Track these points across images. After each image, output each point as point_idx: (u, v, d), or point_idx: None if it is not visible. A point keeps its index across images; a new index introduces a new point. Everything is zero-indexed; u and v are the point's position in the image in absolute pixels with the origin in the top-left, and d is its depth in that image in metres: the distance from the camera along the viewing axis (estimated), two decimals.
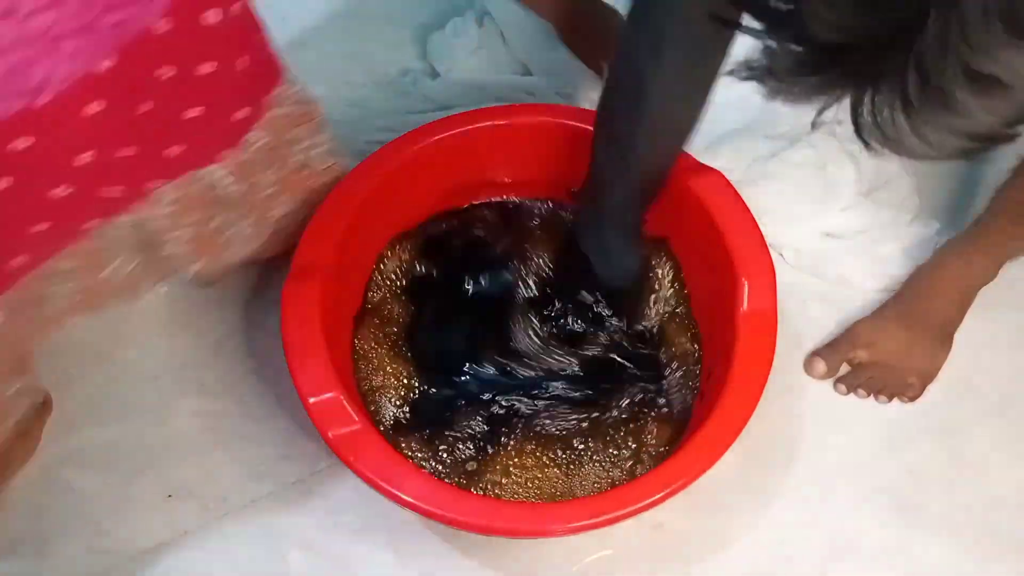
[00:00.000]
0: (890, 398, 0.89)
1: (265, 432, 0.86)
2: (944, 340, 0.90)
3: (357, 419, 0.73)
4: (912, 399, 0.89)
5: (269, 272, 0.95)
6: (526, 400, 0.85)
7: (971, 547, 0.82)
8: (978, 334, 0.91)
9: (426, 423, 0.84)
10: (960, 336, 0.91)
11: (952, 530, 0.82)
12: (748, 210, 0.84)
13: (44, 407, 0.84)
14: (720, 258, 0.82)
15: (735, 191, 0.85)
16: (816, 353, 0.91)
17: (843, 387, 0.89)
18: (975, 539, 0.82)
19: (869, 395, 0.89)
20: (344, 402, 0.73)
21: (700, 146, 0.98)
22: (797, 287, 0.94)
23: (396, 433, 0.83)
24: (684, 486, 0.71)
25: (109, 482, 0.84)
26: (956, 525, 0.83)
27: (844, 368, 0.91)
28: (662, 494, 0.70)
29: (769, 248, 0.82)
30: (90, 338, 0.89)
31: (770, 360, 0.77)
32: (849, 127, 0.44)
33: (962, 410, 0.89)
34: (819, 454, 0.86)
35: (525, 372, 0.86)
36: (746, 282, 0.80)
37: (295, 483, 0.84)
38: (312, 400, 0.73)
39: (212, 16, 0.59)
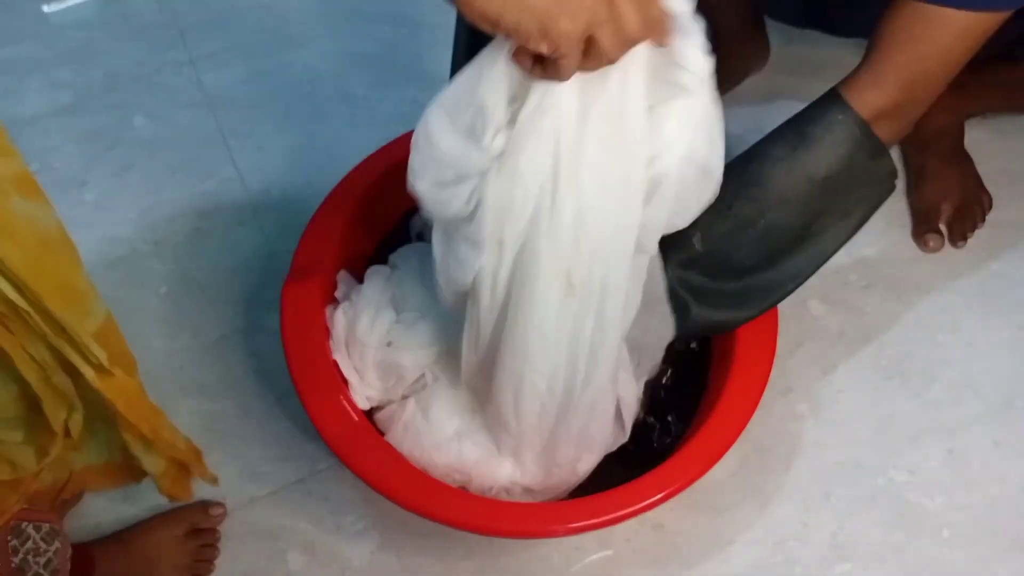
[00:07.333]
0: (983, 221, 0.95)
1: (265, 432, 0.86)
2: (964, 154, 0.98)
3: (357, 419, 0.73)
4: (990, 208, 0.96)
5: (269, 272, 0.95)
6: None
7: (971, 547, 0.82)
8: (978, 334, 0.92)
9: None
10: (960, 336, 0.91)
11: (952, 530, 0.82)
12: None
13: None
14: None
15: None
16: (922, 231, 0.95)
17: (961, 243, 0.95)
18: (975, 539, 0.82)
19: (974, 232, 0.95)
20: (344, 402, 0.73)
21: None
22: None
23: None
24: (684, 486, 0.71)
25: None
26: (956, 525, 0.83)
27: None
28: (662, 494, 0.70)
29: None
30: None
31: (771, 360, 0.77)
32: None
33: (962, 410, 0.89)
34: (819, 454, 0.86)
35: None
36: None
37: (295, 483, 0.84)
38: (312, 400, 0.73)
39: None
